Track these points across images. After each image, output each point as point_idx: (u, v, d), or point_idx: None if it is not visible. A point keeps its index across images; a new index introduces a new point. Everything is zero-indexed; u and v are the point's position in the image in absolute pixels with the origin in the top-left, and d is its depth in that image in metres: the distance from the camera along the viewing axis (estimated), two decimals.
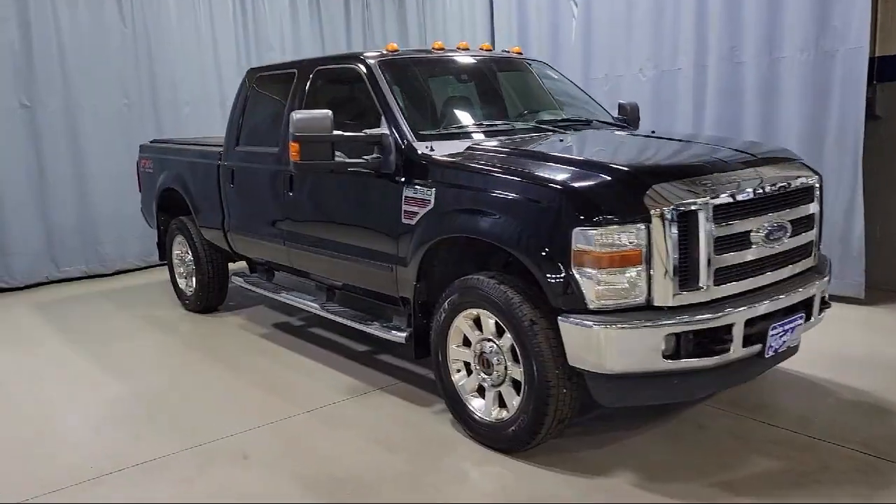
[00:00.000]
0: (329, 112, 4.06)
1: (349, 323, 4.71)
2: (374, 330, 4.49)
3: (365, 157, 4.20)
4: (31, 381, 5.21)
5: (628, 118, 5.30)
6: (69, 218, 8.24)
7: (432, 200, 3.88)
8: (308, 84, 4.97)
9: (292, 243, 5.08)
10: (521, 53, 5.40)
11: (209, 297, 6.60)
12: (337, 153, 4.15)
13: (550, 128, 4.53)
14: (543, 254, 3.31)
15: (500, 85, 5.03)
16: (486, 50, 5.25)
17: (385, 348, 5.33)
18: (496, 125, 4.54)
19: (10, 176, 7.79)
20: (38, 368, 5.47)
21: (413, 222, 4.00)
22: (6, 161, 7.76)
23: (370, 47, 10.21)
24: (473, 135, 4.35)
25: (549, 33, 7.89)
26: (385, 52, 4.73)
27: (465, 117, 4.74)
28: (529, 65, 5.29)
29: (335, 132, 4.08)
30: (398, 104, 4.31)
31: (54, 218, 8.15)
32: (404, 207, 4.05)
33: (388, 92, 4.36)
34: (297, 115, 4.03)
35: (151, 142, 7.59)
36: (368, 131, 4.22)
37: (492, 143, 4.12)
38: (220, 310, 6.79)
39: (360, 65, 4.58)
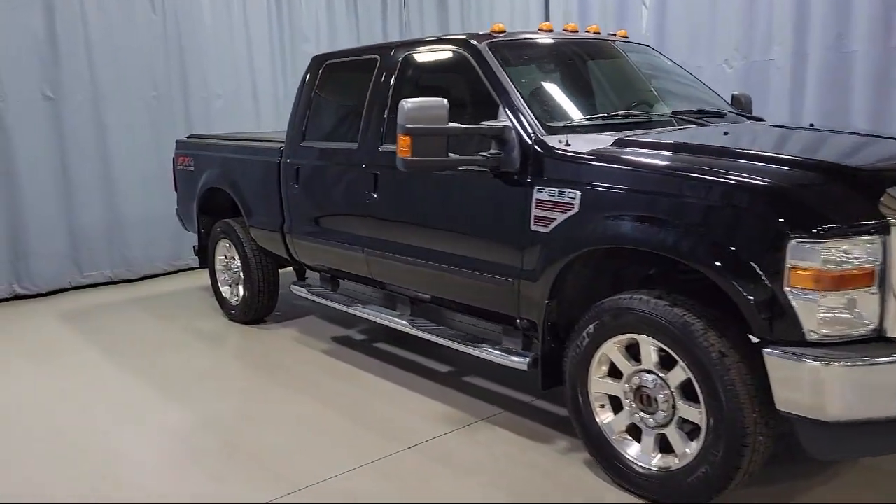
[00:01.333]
0: (444, 101, 3.41)
1: (449, 344, 4.05)
2: (486, 354, 3.83)
3: (482, 153, 3.55)
4: (80, 408, 4.52)
5: (742, 111, 4.67)
6: (94, 218, 7.55)
7: (576, 204, 3.22)
8: (396, 72, 4.31)
9: (374, 250, 4.42)
10: (626, 37, 4.75)
11: (258, 307, 5.93)
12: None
13: (691, 119, 3.89)
14: (745, 271, 2.66)
15: (623, 71, 4.38)
16: (595, 33, 4.60)
17: (474, 370, 4.69)
18: (633, 116, 3.88)
19: (31, 173, 7.09)
20: (82, 392, 4.78)
21: (547, 230, 3.34)
22: (28, 157, 7.06)
23: (407, 37, 9.55)
24: (608, 127, 3.69)
25: (616, 19, 7.22)
26: (492, 33, 4.07)
27: (594, 107, 4.07)
28: (646, 50, 4.65)
29: (451, 124, 3.42)
30: (519, 93, 3.65)
31: (78, 218, 7.45)
32: (535, 212, 3.39)
33: (506, 79, 3.71)
34: (409, 103, 3.37)
35: (188, 137, 6.90)
36: (487, 123, 3.56)
37: (648, 137, 3.47)
38: (268, 320, 6.13)
39: (465, 49, 3.93)
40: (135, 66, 7.61)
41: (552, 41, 4.25)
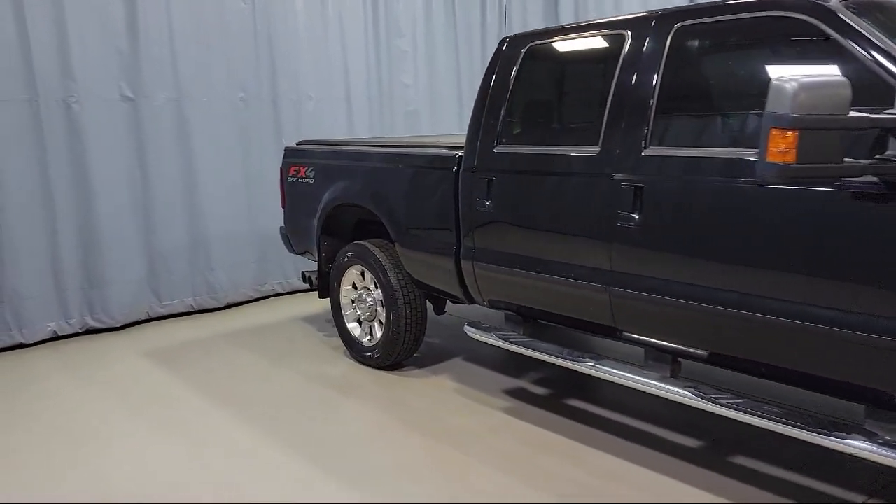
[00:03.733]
0: (846, 79, 2.23)
1: (780, 429, 2.81)
2: (852, 447, 2.61)
3: (881, 155, 2.36)
4: (233, 491, 3.32)
5: None
6: (175, 238, 6.37)
7: None
8: (665, 51, 3.12)
9: (628, 289, 3.22)
10: None
11: (402, 350, 4.74)
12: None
13: None
14: None
15: None
16: None
17: (732, 445, 3.49)
18: None
19: (107, 185, 5.91)
20: (222, 467, 3.58)
21: None
22: (104, 167, 5.88)
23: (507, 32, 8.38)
24: None
25: None
26: None
27: None
28: None
29: (853, 113, 2.24)
30: None
31: (158, 238, 6.27)
32: None
33: None
34: (795, 83, 2.19)
35: (298, 144, 5.71)
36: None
37: None
38: (406, 364, 4.94)
39: (806, 12, 2.73)
40: (221, 63, 6.45)
41: None
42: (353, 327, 5.05)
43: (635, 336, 3.33)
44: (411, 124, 7.87)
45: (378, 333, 4.83)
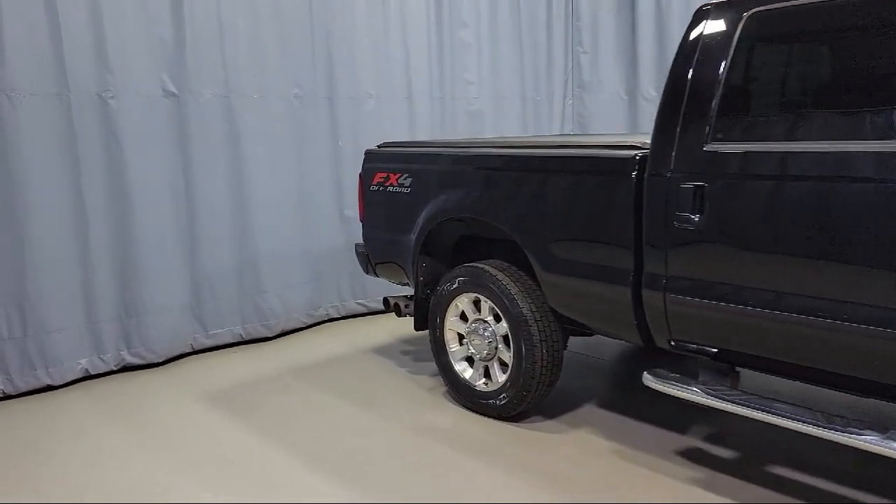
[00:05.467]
0: None
1: None
2: None
3: None
4: None
5: None
6: (223, 256, 5.40)
7: None
8: None
9: None
10: None
11: (533, 397, 3.79)
12: None
13: None
14: None
15: None
16: None
17: None
18: None
19: (147, 195, 4.95)
20: None
21: None
22: (143, 173, 4.92)
23: (573, 25, 7.52)
24: None
25: None
26: None
27: None
28: None
29: None
30: None
31: (204, 256, 5.30)
32: None
33: None
34: None
35: (381, 146, 4.76)
36: None
37: None
38: (531, 413, 4.00)
39: None
40: (275, 55, 5.50)
41: None
42: (463, 368, 4.10)
43: None
44: (475, 126, 6.94)
45: (498, 376, 3.89)
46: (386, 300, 4.66)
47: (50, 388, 4.66)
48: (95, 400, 4.50)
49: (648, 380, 3.22)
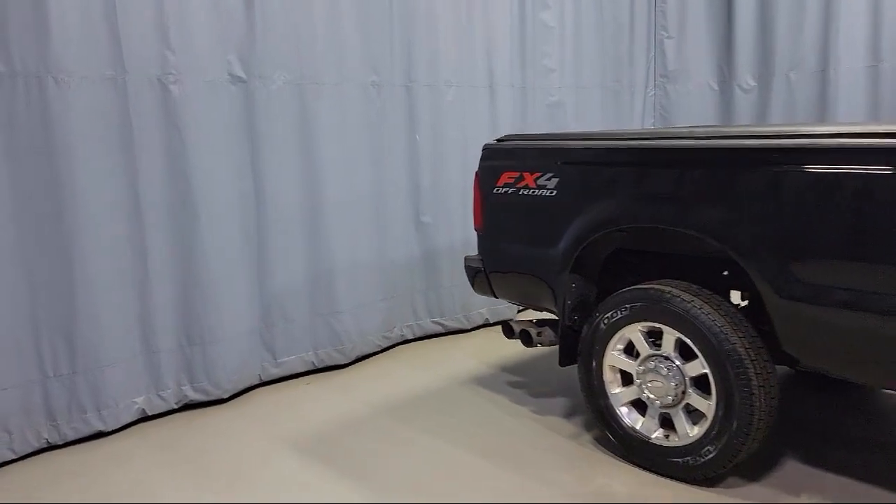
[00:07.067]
0: None
1: None
2: None
3: None
4: None
5: None
6: (295, 272, 4.56)
7: None
8: None
9: None
10: None
11: (742, 457, 2.98)
12: None
13: None
14: None
15: None
16: None
17: None
18: None
19: (211, 197, 4.11)
20: None
21: None
22: (207, 175, 4.07)
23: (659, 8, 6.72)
24: None
25: None
26: None
27: None
28: None
29: None
30: None
31: (274, 273, 4.46)
32: None
33: None
34: None
35: (500, 140, 3.92)
36: None
37: None
38: (726, 475, 3.17)
39: None
40: (355, 38, 4.64)
41: None
42: (628, 414, 3.28)
43: None
44: (556, 118, 6.13)
45: (686, 428, 3.07)
46: (508, 326, 3.84)
47: (101, 434, 3.80)
48: (159, 447, 3.67)
49: None
